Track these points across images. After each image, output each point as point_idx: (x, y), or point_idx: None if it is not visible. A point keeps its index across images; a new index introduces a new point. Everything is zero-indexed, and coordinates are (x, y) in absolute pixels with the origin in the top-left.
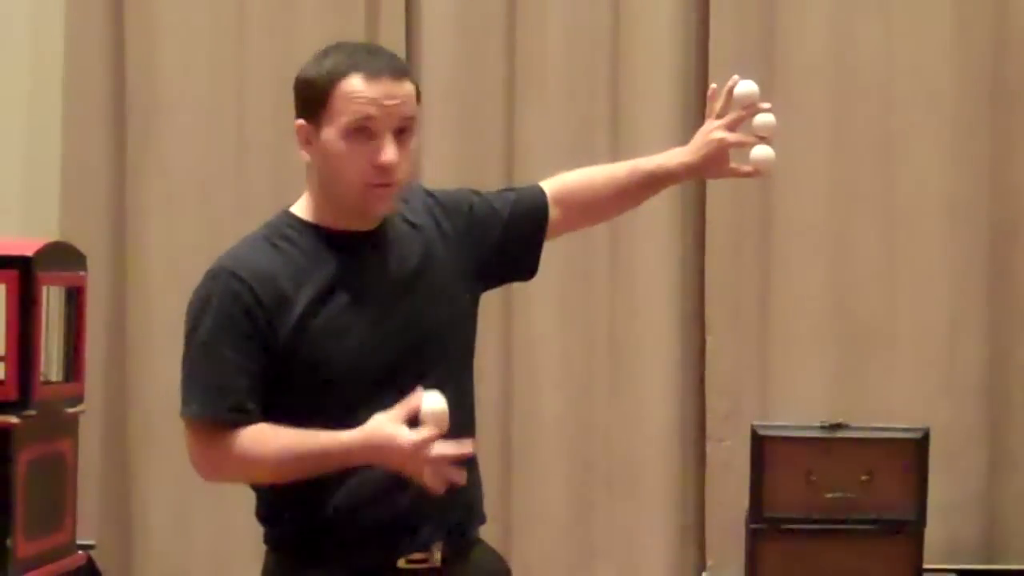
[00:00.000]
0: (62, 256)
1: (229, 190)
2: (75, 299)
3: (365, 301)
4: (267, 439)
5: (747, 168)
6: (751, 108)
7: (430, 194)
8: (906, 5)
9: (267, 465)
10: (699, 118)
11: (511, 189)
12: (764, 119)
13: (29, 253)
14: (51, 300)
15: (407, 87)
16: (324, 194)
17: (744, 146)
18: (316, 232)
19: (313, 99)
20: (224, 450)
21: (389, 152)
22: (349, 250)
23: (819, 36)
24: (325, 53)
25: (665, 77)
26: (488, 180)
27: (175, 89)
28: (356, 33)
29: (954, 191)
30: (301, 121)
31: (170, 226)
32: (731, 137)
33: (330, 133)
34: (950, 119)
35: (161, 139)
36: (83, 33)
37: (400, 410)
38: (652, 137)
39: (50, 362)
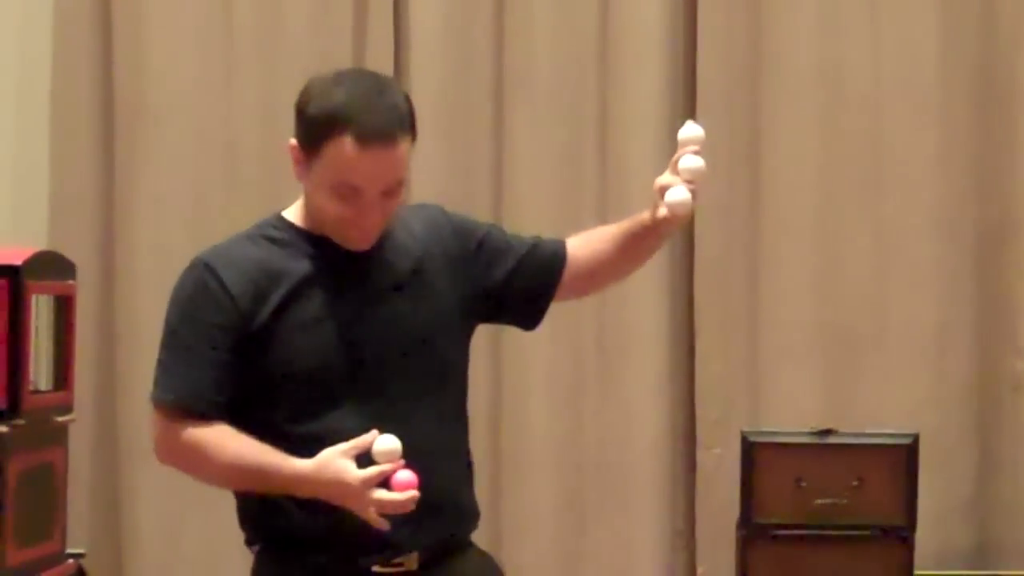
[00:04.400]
0: (51, 265)
1: (218, 198)
2: (64, 308)
3: (341, 301)
4: (225, 441)
5: (663, 213)
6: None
7: (445, 214)
8: (893, 10)
9: (216, 466)
10: None
11: (535, 237)
12: (687, 162)
13: (18, 262)
14: (40, 309)
15: (399, 151)
16: (310, 211)
17: (671, 188)
18: (299, 233)
19: (307, 136)
20: (181, 438)
21: (371, 217)
22: (332, 251)
23: (807, 43)
24: (335, 82)
25: (653, 84)
26: (476, 189)
27: (163, 96)
28: (344, 40)
29: (942, 196)
30: (294, 143)
31: (159, 234)
32: (660, 179)
33: (317, 177)
34: (937, 125)
35: (150, 147)
36: (71, 40)
37: (351, 446)
38: (640, 146)
39: (39, 371)
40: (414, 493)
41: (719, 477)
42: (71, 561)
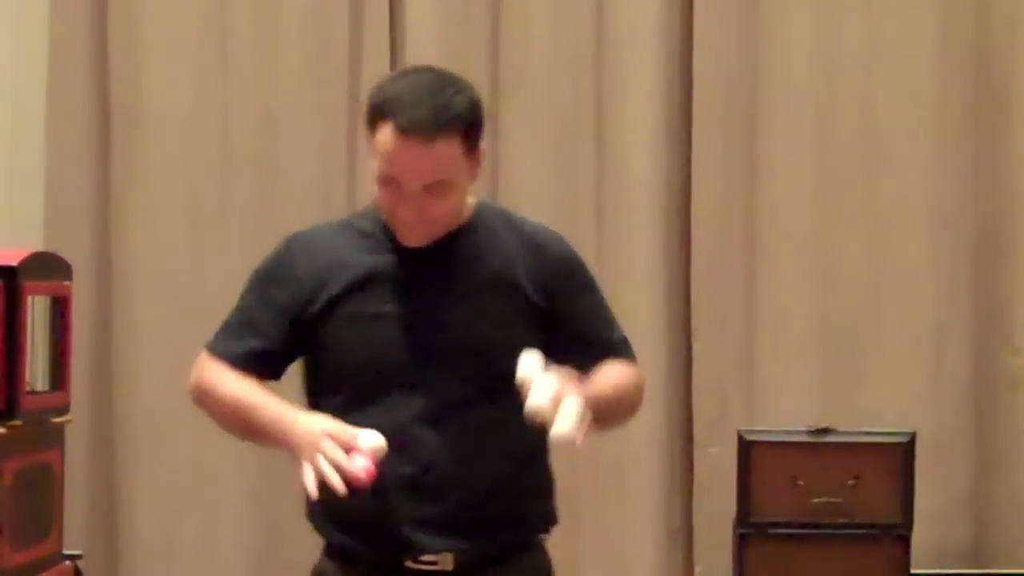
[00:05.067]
0: (47, 266)
1: (213, 199)
2: (60, 309)
3: (404, 298)
4: (232, 383)
5: None
6: None
7: (558, 244)
8: (890, 10)
9: (217, 403)
10: (683, 127)
11: (615, 340)
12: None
13: (14, 263)
14: (36, 310)
15: (437, 149)
16: None
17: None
18: (384, 227)
19: (366, 123)
20: (201, 378)
21: (404, 211)
22: (407, 248)
23: (803, 42)
24: (402, 75)
25: (649, 87)
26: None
27: (159, 98)
28: (340, 43)
29: (938, 195)
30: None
31: (155, 235)
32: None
33: (372, 163)
34: (934, 124)
35: (145, 148)
36: (67, 42)
37: (343, 426)
38: (636, 148)
39: (35, 372)
40: (361, 475)
41: (716, 476)
42: (68, 562)
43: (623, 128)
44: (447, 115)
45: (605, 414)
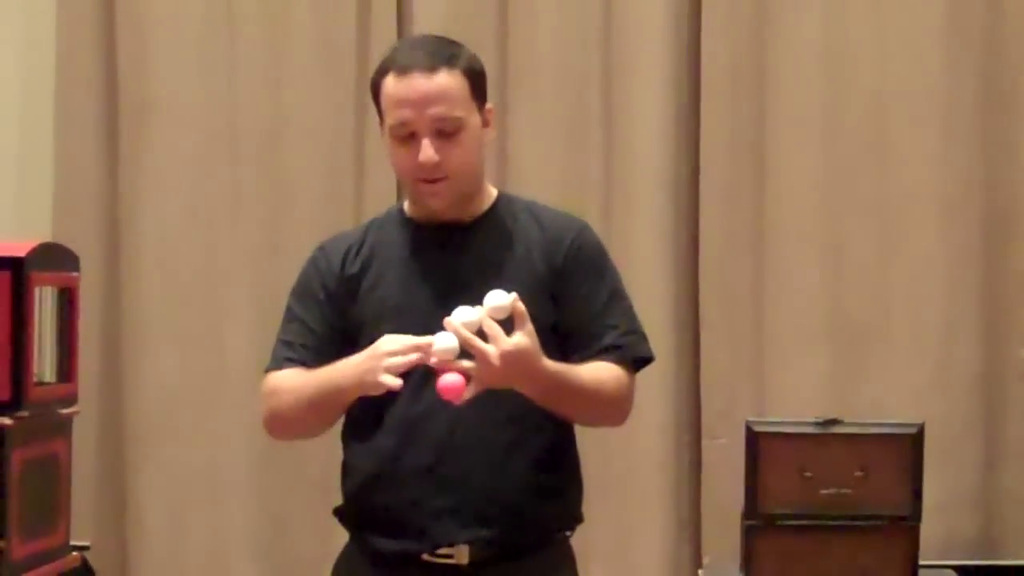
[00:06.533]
0: (55, 256)
1: (222, 191)
2: (68, 300)
3: (421, 288)
4: (288, 383)
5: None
6: None
7: (578, 235)
8: (898, 3)
9: (286, 409)
10: (692, 116)
11: (614, 341)
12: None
13: (21, 254)
14: (44, 301)
15: (438, 79)
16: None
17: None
18: (404, 222)
19: (374, 100)
20: (267, 403)
21: (425, 152)
22: (425, 240)
23: (811, 30)
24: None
25: (657, 75)
26: None
27: (168, 89)
28: (347, 35)
29: (948, 187)
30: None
31: (163, 226)
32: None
33: (385, 132)
34: (943, 115)
35: (154, 140)
36: (75, 34)
37: (409, 339)
38: (644, 136)
39: (43, 363)
40: (453, 388)
41: (724, 467)
42: (76, 554)
43: (631, 117)
44: (445, 53)
45: (562, 393)
